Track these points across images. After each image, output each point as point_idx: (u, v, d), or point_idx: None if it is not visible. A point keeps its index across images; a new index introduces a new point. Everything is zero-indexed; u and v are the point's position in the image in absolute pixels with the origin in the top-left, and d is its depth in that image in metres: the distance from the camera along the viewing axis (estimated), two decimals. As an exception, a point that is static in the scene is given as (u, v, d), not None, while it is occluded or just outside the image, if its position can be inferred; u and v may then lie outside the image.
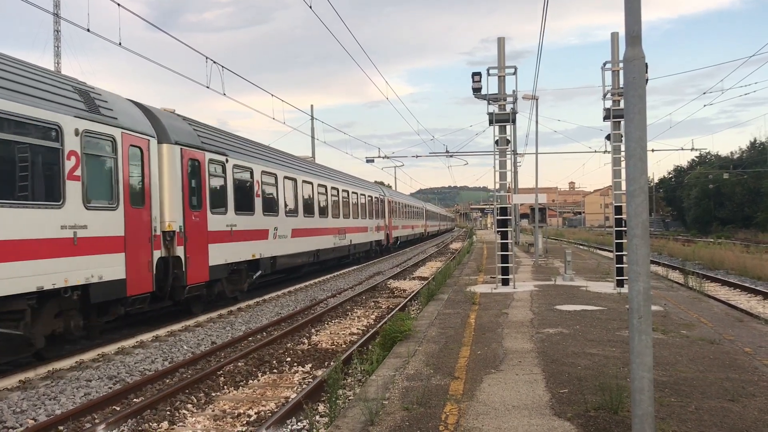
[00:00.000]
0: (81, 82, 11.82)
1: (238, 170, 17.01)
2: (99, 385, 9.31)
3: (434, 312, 12.80)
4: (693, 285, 18.10)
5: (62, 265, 10.08)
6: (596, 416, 5.96)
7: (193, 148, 14.52)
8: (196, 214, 14.35)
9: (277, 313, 16.08)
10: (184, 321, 14.36)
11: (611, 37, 15.93)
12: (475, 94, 16.16)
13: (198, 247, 14.31)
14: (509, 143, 17.28)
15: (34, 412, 8.08)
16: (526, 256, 30.61)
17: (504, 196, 16.76)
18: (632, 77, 4.96)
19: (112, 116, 11.74)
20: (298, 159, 25.51)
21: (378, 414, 6.14)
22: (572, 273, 19.15)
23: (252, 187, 17.86)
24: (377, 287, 21.47)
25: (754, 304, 17.91)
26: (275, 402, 8.41)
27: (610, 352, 8.75)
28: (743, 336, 9.79)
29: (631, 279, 4.94)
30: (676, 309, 12.67)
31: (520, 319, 11.65)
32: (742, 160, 70.04)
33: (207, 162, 15.12)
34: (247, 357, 10.84)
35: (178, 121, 14.81)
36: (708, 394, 6.61)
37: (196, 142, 14.82)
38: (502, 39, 16.65)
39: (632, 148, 4.97)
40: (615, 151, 15.95)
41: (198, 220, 14.42)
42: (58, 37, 49.28)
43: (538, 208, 30.74)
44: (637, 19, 4.92)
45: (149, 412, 7.91)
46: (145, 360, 10.88)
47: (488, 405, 6.39)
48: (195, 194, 14.48)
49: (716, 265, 29.44)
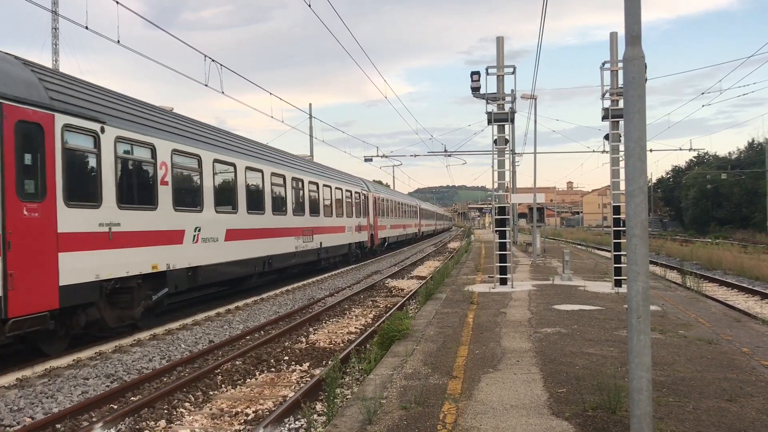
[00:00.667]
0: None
1: (126, 145, 12.40)
2: (96, 383, 9.30)
3: (432, 311, 12.79)
4: (691, 285, 18.12)
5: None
6: (594, 416, 5.95)
7: (29, 104, 9.93)
8: (33, 208, 9.86)
9: (275, 311, 16.07)
10: (181, 320, 14.33)
11: (610, 36, 15.92)
12: (474, 93, 16.16)
13: (34, 257, 9.76)
14: (508, 143, 17.27)
15: (32, 410, 8.06)
16: (525, 256, 30.62)
17: (502, 195, 16.76)
18: (632, 77, 4.95)
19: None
20: (245, 140, 20.32)
21: (376, 413, 6.14)
22: (570, 273, 19.15)
23: (154, 171, 13.30)
24: (375, 286, 21.47)
25: (752, 305, 17.93)
26: (273, 401, 8.40)
27: (608, 352, 8.75)
28: (741, 336, 9.80)
29: (630, 279, 4.94)
30: (674, 309, 12.68)
31: (518, 319, 11.65)
32: (740, 160, 70.09)
33: (60, 129, 10.54)
34: (245, 356, 10.84)
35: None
36: (706, 394, 6.61)
37: (37, 96, 10.19)
38: (501, 38, 16.65)
39: (631, 148, 4.97)
40: (614, 150, 15.94)
41: (37, 216, 9.91)
42: (56, 35, 49.26)
43: (537, 207, 30.75)
44: (636, 19, 4.92)
45: (147, 411, 7.90)
46: (143, 358, 10.86)
47: (486, 404, 6.39)
48: (32, 176, 10.05)
49: (714, 265, 29.47)
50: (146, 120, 13.46)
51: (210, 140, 16.42)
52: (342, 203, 29.25)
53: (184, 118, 16.36)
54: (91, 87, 12.44)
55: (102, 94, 12.52)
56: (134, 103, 13.79)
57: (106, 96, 12.65)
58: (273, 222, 19.84)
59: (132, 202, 12.49)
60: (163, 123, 14.26)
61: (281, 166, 21.29)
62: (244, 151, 18.47)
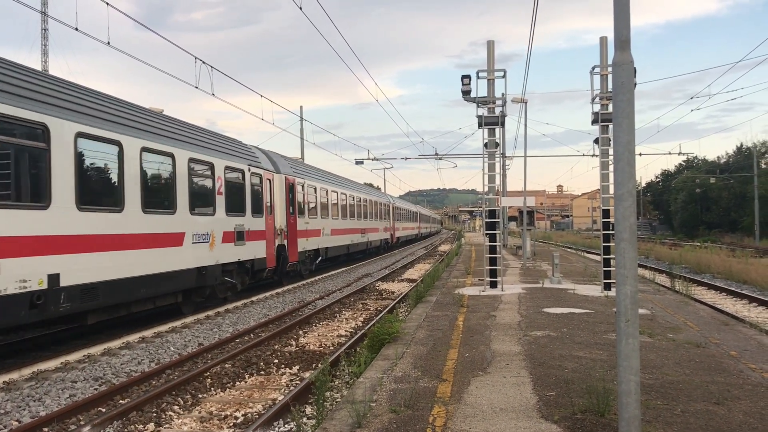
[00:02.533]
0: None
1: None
2: (84, 386, 9.24)
3: (422, 314, 12.80)
4: (680, 288, 18.21)
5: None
6: (583, 419, 5.97)
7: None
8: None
9: (265, 314, 16.03)
10: (171, 322, 14.27)
11: (600, 41, 16.00)
12: (465, 96, 16.19)
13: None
14: (498, 146, 17.32)
15: (18, 413, 8.00)
16: (514, 259, 30.69)
17: (493, 198, 16.80)
18: (621, 81, 4.98)
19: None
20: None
21: (365, 416, 6.13)
22: (560, 276, 19.21)
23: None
24: (366, 289, 21.45)
25: (740, 308, 18.04)
26: (262, 404, 8.38)
27: (597, 355, 8.78)
28: (729, 339, 9.86)
29: (619, 282, 4.96)
30: (663, 312, 12.73)
31: (508, 322, 11.67)
32: (728, 164, 70.62)
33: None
34: (234, 358, 10.80)
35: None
36: (694, 397, 6.65)
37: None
38: (491, 42, 16.70)
39: (620, 152, 4.99)
40: (603, 154, 16.02)
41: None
42: (45, 36, 49.02)
43: (527, 211, 30.82)
44: (626, 23, 4.95)
45: (135, 414, 7.86)
46: (132, 361, 10.81)
47: (476, 407, 6.39)
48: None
49: (703, 268, 29.64)
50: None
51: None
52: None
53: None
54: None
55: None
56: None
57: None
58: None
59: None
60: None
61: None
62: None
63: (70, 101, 11.38)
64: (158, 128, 14.23)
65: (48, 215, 10.31)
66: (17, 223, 9.67)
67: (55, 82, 11.72)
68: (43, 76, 11.72)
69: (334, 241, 29.03)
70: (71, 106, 11.28)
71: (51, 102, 10.74)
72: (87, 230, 11.27)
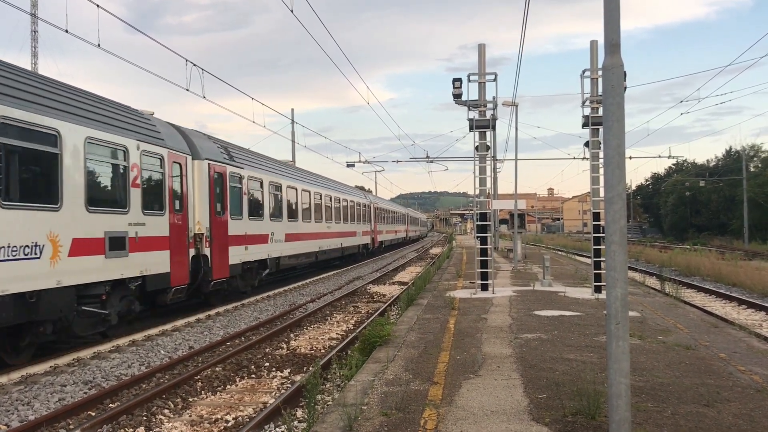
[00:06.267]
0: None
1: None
2: (74, 390, 9.18)
3: (414, 317, 12.80)
4: (669, 291, 18.30)
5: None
6: (574, 421, 5.99)
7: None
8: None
9: (256, 317, 15.98)
10: (161, 326, 14.21)
11: (590, 45, 16.07)
12: (456, 100, 16.23)
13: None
14: (489, 149, 17.37)
15: (7, 417, 7.94)
16: (505, 262, 30.75)
17: (484, 201, 16.84)
18: (611, 85, 5.01)
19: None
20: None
21: (357, 419, 6.12)
22: (551, 278, 19.26)
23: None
24: (357, 292, 21.43)
25: (729, 311, 18.14)
26: (253, 407, 8.35)
27: (587, 358, 8.81)
28: (718, 342, 9.91)
29: (609, 285, 4.98)
30: (653, 315, 12.79)
31: (499, 324, 11.69)
32: (717, 168, 71.07)
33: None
34: (225, 362, 10.76)
35: None
36: (684, 400, 6.68)
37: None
38: (482, 45, 16.75)
39: (610, 156, 5.02)
40: (593, 158, 16.09)
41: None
42: (35, 38, 48.74)
43: (518, 213, 30.91)
44: (616, 27, 4.97)
45: (125, 418, 7.81)
46: (122, 365, 10.75)
47: (467, 410, 6.40)
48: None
49: (692, 271, 29.79)
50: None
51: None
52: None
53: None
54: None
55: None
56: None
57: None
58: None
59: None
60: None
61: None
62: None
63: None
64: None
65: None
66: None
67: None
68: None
69: (291, 248, 23.42)
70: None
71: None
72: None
